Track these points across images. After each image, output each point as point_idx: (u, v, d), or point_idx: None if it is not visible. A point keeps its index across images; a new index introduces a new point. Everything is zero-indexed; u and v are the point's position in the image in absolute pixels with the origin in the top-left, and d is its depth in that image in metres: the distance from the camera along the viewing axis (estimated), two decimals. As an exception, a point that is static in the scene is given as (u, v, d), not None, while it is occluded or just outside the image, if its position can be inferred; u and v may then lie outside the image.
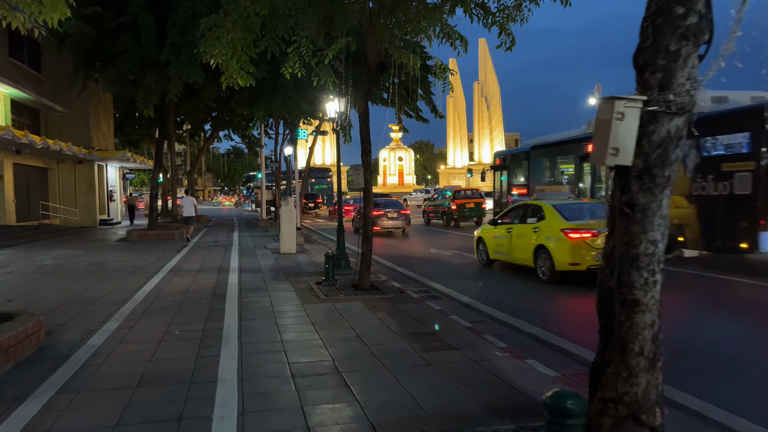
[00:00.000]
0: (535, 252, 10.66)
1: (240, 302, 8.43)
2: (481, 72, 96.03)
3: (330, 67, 10.40)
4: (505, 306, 8.37)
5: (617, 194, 2.84)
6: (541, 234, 10.58)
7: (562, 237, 9.97)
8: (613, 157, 2.68)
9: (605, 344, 2.92)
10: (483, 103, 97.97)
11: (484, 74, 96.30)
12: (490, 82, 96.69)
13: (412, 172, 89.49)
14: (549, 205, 10.98)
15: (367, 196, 9.62)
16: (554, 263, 10.09)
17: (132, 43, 17.62)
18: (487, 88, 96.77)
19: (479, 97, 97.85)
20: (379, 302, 8.34)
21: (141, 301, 8.58)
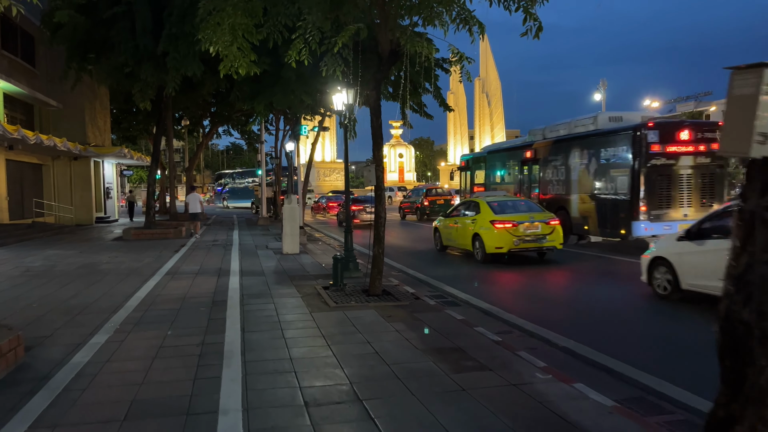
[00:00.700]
0: (473, 239, 13.24)
1: (242, 310, 7.73)
2: (482, 68, 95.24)
3: (338, 56, 9.67)
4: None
5: (754, 196, 2.13)
6: (477, 224, 13.15)
7: (491, 227, 12.56)
8: (761, 146, 1.95)
9: (732, 394, 2.22)
10: (484, 99, 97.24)
11: (485, 70, 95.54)
12: (491, 78, 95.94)
13: (413, 169, 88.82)
14: (483, 201, 13.64)
15: (379, 194, 8.91)
16: (485, 247, 12.63)
17: (127, 34, 16.86)
18: (488, 84, 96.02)
19: (480, 93, 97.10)
20: (394, 311, 7.63)
21: (134, 309, 7.87)
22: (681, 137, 14.27)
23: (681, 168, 14.19)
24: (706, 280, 7.78)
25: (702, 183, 14.31)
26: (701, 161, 14.29)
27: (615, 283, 10.48)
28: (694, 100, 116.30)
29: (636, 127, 14.38)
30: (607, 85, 45.86)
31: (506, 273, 11.61)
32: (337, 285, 9.23)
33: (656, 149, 14.06)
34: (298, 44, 8.99)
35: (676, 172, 14.16)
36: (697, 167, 14.26)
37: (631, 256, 12.78)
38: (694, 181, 14.24)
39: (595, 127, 16.32)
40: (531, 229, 12.40)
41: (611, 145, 15.16)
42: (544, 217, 12.91)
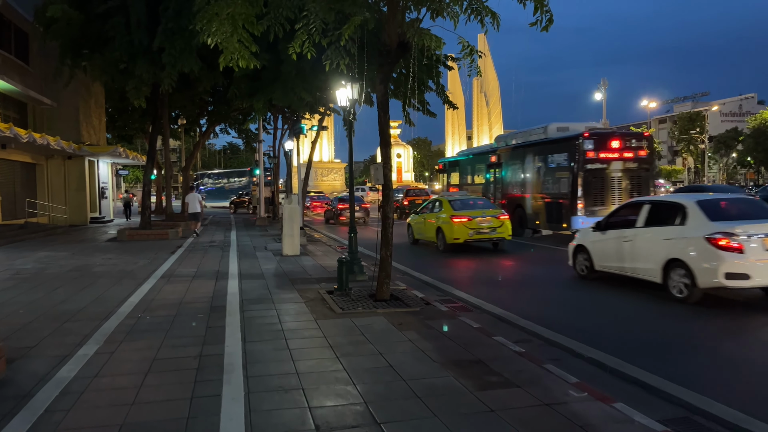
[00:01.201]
0: (437, 232, 15.28)
1: (242, 317, 7.24)
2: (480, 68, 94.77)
3: (343, 49, 9.20)
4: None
5: None
6: (440, 219, 15.18)
7: (451, 221, 14.62)
8: None
9: None
10: (482, 99, 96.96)
11: (483, 70, 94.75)
12: (490, 78, 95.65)
13: (411, 169, 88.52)
14: (446, 200, 15.80)
15: (386, 194, 8.44)
16: (446, 239, 14.74)
17: (122, 29, 16.35)
18: (486, 84, 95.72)
19: (478, 93, 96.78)
20: (404, 317, 7.16)
21: (126, 316, 7.38)
22: (612, 145, 16.61)
23: (612, 171, 16.51)
24: (609, 262, 9.85)
25: (630, 184, 16.57)
26: (629, 165, 16.64)
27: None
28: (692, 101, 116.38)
29: (575, 137, 16.65)
30: (607, 84, 45.54)
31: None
32: (342, 289, 8.75)
33: (591, 155, 16.37)
34: (301, 36, 8.51)
35: (608, 175, 16.47)
36: (626, 170, 16.59)
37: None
38: (623, 182, 16.57)
39: (545, 136, 18.69)
40: (483, 222, 14.59)
41: (556, 152, 17.60)
42: (494, 212, 15.09)
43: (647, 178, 16.93)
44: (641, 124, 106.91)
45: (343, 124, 19.69)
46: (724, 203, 9.11)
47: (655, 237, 8.92)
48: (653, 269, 8.78)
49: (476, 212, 14.75)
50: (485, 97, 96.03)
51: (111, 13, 16.46)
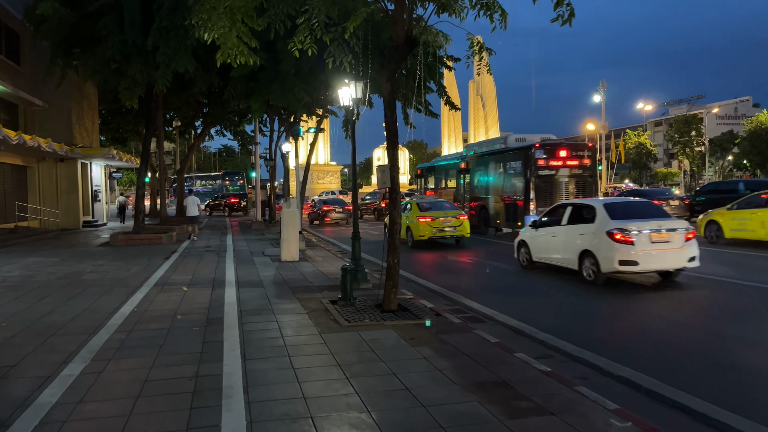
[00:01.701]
0: (407, 230, 17.54)
1: (241, 331, 6.75)
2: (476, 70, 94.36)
3: (346, 45, 8.74)
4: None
5: None
6: (409, 219, 17.32)
7: (417, 221, 16.83)
8: None
9: None
10: (478, 101, 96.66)
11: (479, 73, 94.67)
12: (486, 80, 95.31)
13: (407, 172, 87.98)
14: (414, 202, 18.18)
15: (393, 198, 7.97)
16: (413, 236, 17.01)
17: (115, 28, 15.85)
18: (482, 87, 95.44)
19: (475, 95, 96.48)
20: (416, 331, 6.68)
21: (117, 330, 6.87)
22: (560, 155, 18.84)
23: (560, 177, 18.80)
24: (543, 254, 11.77)
25: (576, 188, 18.89)
26: (575, 172, 18.93)
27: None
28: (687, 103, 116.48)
29: (528, 147, 18.96)
30: (606, 86, 45.25)
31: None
32: (346, 299, 8.27)
33: (542, 163, 18.65)
34: (302, 32, 8.04)
35: (557, 180, 18.75)
36: (572, 176, 18.89)
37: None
38: (570, 186, 18.88)
39: (504, 146, 21.24)
40: (446, 222, 16.75)
41: (513, 160, 19.95)
42: (455, 213, 17.32)
43: (591, 183, 19.35)
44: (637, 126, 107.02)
45: (342, 125, 19.32)
46: (624, 205, 11.11)
47: (573, 233, 10.81)
48: (572, 259, 10.69)
49: (439, 213, 17.07)
50: (481, 99, 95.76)
51: (103, 11, 15.97)
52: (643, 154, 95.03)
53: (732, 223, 15.56)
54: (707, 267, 10.78)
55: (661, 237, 9.76)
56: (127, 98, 16.49)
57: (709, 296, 9.32)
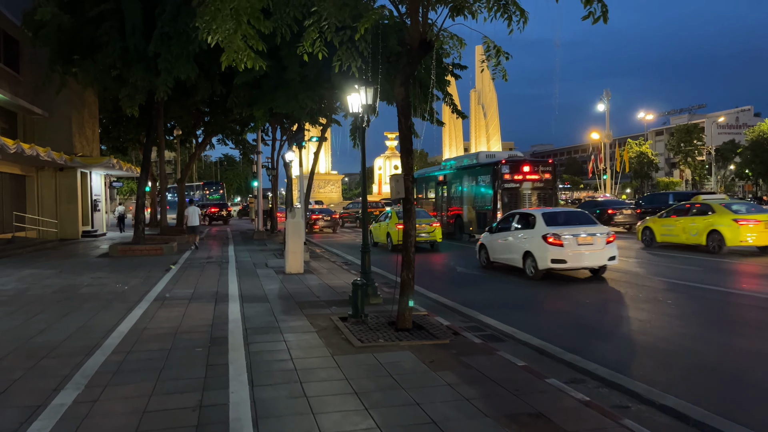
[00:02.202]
0: (386, 236, 19.99)
1: (247, 352, 6.29)
2: (477, 80, 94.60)
3: (355, 50, 8.35)
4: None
5: None
6: (389, 226, 19.68)
7: (396, 228, 18.48)
8: None
9: None
10: (480, 111, 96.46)
11: (480, 82, 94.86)
12: (487, 89, 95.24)
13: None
14: (393, 211, 19.78)
15: (408, 208, 7.53)
16: (392, 241, 18.77)
17: (115, 34, 15.46)
18: (483, 96, 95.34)
19: (476, 105, 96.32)
20: (435, 352, 6.23)
21: (114, 351, 6.41)
22: (524, 170, 21.48)
23: (524, 189, 21.41)
24: (497, 255, 13.76)
25: (538, 200, 21.38)
26: (537, 185, 21.59)
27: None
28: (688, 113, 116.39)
29: (496, 163, 21.69)
30: (610, 95, 44.95)
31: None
32: (357, 316, 7.81)
33: (507, 177, 21.32)
34: (311, 34, 7.66)
35: (521, 192, 21.39)
36: (534, 188, 21.53)
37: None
38: (532, 197, 21.43)
39: (476, 162, 23.87)
40: (420, 229, 18.58)
41: (483, 174, 22.53)
42: (429, 221, 19.62)
43: (551, 194, 22.05)
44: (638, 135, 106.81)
45: (350, 134, 18.88)
46: (558, 214, 12.95)
47: (519, 237, 12.84)
48: (518, 258, 12.68)
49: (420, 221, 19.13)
50: (483, 108, 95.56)
51: (104, 17, 15.59)
52: (644, 164, 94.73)
53: (662, 229, 18.19)
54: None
55: (586, 240, 11.82)
56: (128, 106, 16.10)
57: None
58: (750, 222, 15.54)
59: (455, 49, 9.29)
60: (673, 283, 11.37)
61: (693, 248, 16.91)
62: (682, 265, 14.15)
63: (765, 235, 15.50)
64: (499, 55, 8.37)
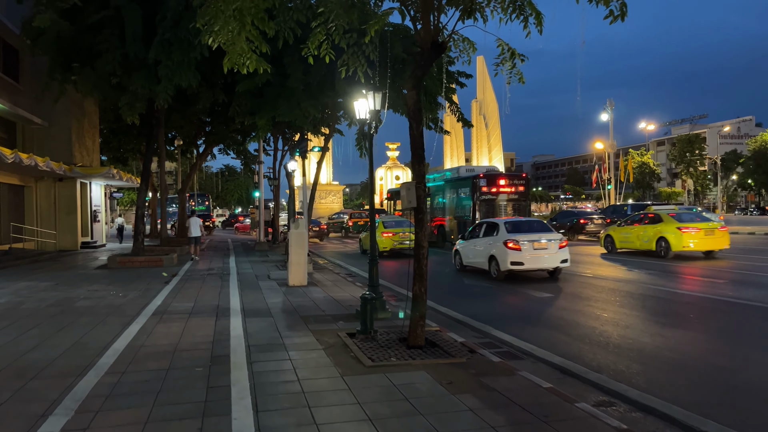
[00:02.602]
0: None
1: (251, 372, 5.87)
2: (479, 90, 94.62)
3: (361, 54, 8.02)
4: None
5: None
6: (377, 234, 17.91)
7: (381, 236, 20.61)
8: None
9: None
10: (481, 121, 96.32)
11: (482, 92, 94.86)
12: (489, 100, 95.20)
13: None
14: (381, 221, 21.59)
15: (420, 218, 7.15)
16: (379, 248, 19.41)
17: (115, 41, 15.17)
18: (485, 106, 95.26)
19: (477, 115, 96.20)
20: (452, 372, 5.81)
21: (107, 371, 5.99)
22: (500, 183, 23.40)
23: (500, 201, 23.25)
24: (468, 260, 15.41)
25: (512, 209, 23.15)
26: (512, 197, 23.46)
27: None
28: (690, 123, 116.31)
29: (474, 176, 23.47)
30: (614, 105, 44.66)
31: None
32: (366, 332, 7.40)
33: (485, 190, 23.13)
34: (318, 36, 7.32)
35: (497, 203, 23.17)
36: (509, 200, 23.39)
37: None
38: (507, 208, 23.16)
39: (457, 175, 25.56)
40: (404, 236, 20.31)
41: (463, 187, 24.26)
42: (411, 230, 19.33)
43: (525, 205, 23.90)
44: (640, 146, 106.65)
45: (355, 143, 18.55)
46: (518, 223, 14.61)
47: (485, 243, 14.35)
48: (484, 262, 14.31)
49: (399, 229, 21.15)
50: (484, 119, 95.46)
51: (104, 24, 15.31)
52: (646, 174, 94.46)
53: (620, 236, 20.07)
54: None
55: (541, 245, 13.43)
56: (128, 114, 15.77)
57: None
58: (691, 230, 17.47)
59: (465, 53, 8.93)
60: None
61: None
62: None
63: (704, 241, 17.42)
64: (515, 57, 8.05)
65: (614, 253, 19.87)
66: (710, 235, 17.49)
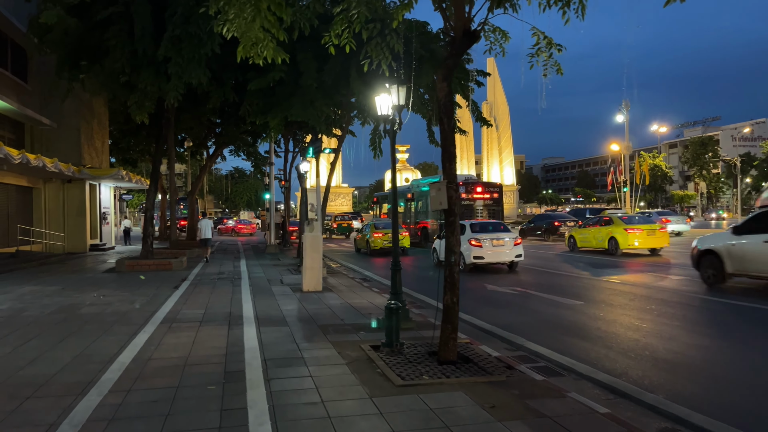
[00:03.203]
0: (366, 243, 24.51)
1: (269, 392, 5.29)
2: (489, 92, 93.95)
3: (385, 45, 7.42)
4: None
5: None
6: (369, 235, 24.22)
7: (373, 236, 23.91)
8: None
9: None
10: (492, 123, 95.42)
11: (492, 95, 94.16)
12: (499, 102, 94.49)
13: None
14: (372, 224, 25.34)
15: (451, 221, 6.54)
16: (371, 247, 23.98)
17: (124, 37, 14.69)
18: (495, 109, 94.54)
19: (488, 117, 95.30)
20: (492, 393, 5.20)
21: (111, 389, 5.43)
22: (477, 190, 27.48)
23: (477, 206, 27.13)
24: (442, 256, 14.36)
25: (487, 213, 26.90)
26: (487, 203, 27.61)
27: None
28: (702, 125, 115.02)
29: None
30: (629, 106, 43.84)
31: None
32: (391, 345, 6.79)
33: (464, 196, 26.61)
34: (339, 23, 6.75)
35: (474, 208, 26.98)
36: (485, 205, 27.45)
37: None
38: (483, 213, 26.99)
39: None
40: None
41: None
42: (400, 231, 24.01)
43: (498, 210, 27.94)
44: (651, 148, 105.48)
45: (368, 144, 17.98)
46: (482, 224, 17.44)
47: None
48: None
49: (388, 230, 22.62)
50: (495, 121, 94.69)
51: (112, 20, 14.84)
52: (658, 177, 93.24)
53: (580, 237, 23.29)
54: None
55: (499, 243, 16.18)
56: (137, 113, 15.30)
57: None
58: (636, 230, 20.54)
59: (497, 43, 8.33)
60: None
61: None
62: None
63: (647, 240, 20.38)
64: (551, 47, 7.44)
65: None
66: (652, 235, 20.35)
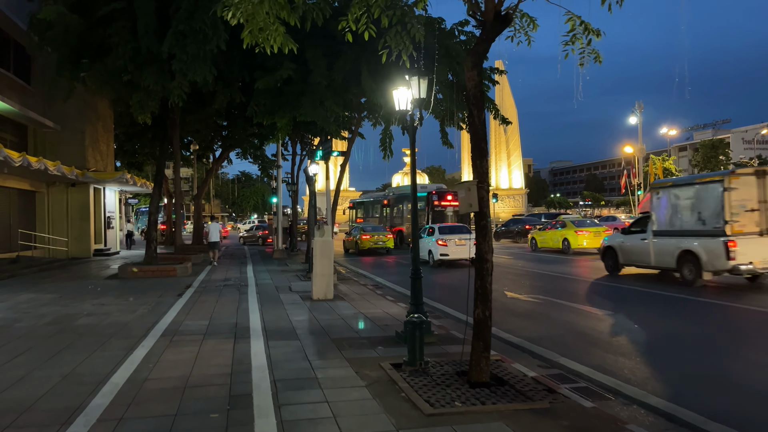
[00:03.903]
0: (355, 244, 27.77)
1: (280, 422, 4.61)
2: (497, 95, 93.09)
3: (406, 33, 6.75)
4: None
5: None
6: (357, 237, 27.54)
7: (361, 237, 27.19)
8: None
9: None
10: (500, 127, 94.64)
11: (500, 98, 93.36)
12: (507, 105, 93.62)
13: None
14: (360, 226, 29.69)
15: (483, 225, 5.85)
16: (359, 247, 27.07)
17: (126, 34, 14.10)
18: (504, 112, 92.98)
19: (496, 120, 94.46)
20: (538, 425, 4.50)
21: (101, 417, 4.76)
22: (448, 198, 29.83)
23: (448, 212, 29.75)
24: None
25: (457, 219, 27.68)
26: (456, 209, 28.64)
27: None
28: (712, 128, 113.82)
29: (428, 192, 30.33)
30: (643, 108, 43.03)
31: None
32: (414, 363, 6.10)
33: (436, 203, 29.96)
34: (357, 7, 6.11)
35: (446, 214, 29.68)
36: (455, 212, 29.17)
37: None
38: (454, 218, 28.52)
39: None
40: (378, 238, 27.10)
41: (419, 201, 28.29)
42: (384, 233, 27.83)
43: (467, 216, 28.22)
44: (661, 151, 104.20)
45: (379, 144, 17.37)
46: (448, 227, 20.84)
47: (425, 241, 20.12)
48: (425, 255, 19.72)
49: (375, 233, 27.63)
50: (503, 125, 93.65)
51: (115, 17, 14.27)
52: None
53: (540, 238, 26.62)
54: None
55: (461, 242, 19.17)
56: (140, 113, 14.72)
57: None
58: (584, 232, 23.88)
59: (523, 31, 7.64)
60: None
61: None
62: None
63: (594, 241, 22.69)
64: (589, 33, 6.74)
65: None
66: (598, 236, 22.40)
